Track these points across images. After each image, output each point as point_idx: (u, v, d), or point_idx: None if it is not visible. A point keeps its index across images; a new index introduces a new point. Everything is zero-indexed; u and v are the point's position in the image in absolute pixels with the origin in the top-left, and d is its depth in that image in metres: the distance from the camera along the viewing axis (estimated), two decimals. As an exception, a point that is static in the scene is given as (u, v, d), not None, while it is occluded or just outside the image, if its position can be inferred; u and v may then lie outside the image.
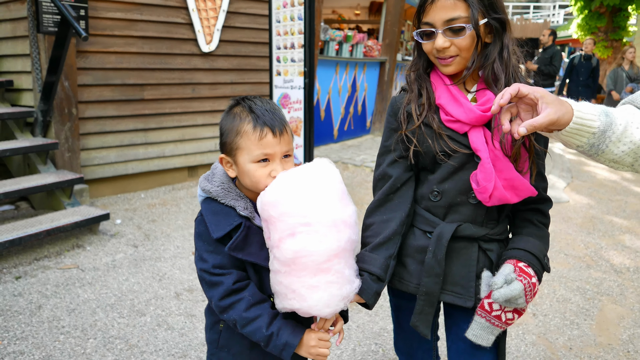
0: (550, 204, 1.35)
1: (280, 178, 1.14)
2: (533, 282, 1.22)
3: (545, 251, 1.30)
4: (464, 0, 1.17)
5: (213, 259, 1.19)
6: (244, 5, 5.26)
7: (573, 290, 3.15)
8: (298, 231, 1.10)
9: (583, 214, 4.70)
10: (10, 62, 4.31)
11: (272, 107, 1.22)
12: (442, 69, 1.26)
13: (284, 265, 1.12)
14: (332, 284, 1.13)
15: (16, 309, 2.68)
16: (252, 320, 1.17)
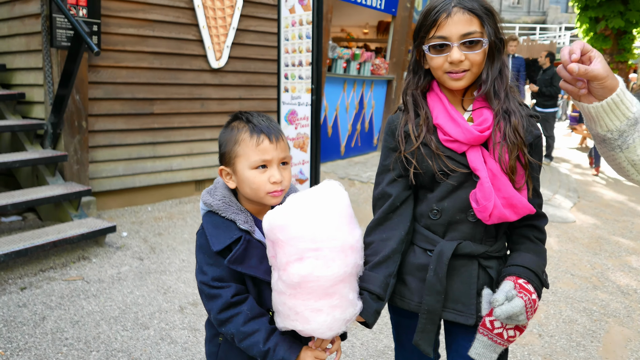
0: (545, 220, 1.36)
1: (290, 201, 1.15)
2: (533, 299, 1.22)
3: (543, 267, 1.31)
4: (478, 17, 1.22)
5: (213, 271, 1.20)
6: (254, 23, 5.35)
7: (579, 311, 3.11)
8: (306, 256, 1.11)
9: (589, 235, 4.67)
10: (23, 75, 4.39)
11: (268, 119, 1.27)
12: (452, 84, 1.26)
13: (289, 288, 1.12)
14: (336, 308, 1.14)
15: (20, 320, 2.68)
16: (250, 335, 1.18)
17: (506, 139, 1.22)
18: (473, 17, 1.21)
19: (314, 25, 3.66)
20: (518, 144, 1.22)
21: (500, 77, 1.27)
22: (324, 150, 6.82)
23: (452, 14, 1.21)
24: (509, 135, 1.22)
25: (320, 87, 3.76)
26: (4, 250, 3.10)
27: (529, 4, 35.62)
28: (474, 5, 1.22)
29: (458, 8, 1.21)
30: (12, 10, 4.36)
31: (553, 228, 4.80)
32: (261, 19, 5.40)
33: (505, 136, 1.22)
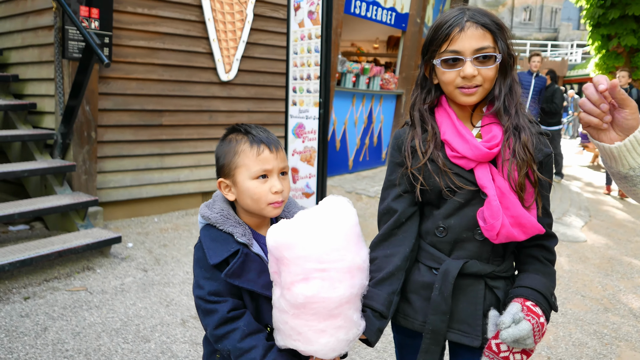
0: (555, 240, 1.32)
1: (298, 219, 1.13)
2: (541, 322, 1.18)
3: (552, 289, 1.27)
4: (490, 32, 1.21)
5: (209, 285, 1.18)
6: (264, 37, 5.38)
7: (590, 334, 3.03)
8: (312, 277, 1.08)
9: (601, 255, 4.58)
10: (35, 86, 4.44)
11: (265, 130, 1.28)
12: (463, 99, 1.24)
13: (293, 307, 1.09)
14: (340, 329, 1.11)
15: (22, 330, 2.67)
16: (246, 352, 1.15)
17: (515, 155, 1.20)
18: (486, 32, 1.21)
19: (322, 39, 3.67)
20: (527, 161, 1.20)
21: (511, 93, 1.26)
22: (332, 164, 6.80)
23: (465, 28, 1.20)
24: (519, 152, 1.20)
25: (328, 101, 3.76)
26: (9, 259, 3.10)
27: (540, 21, 35.68)
28: (486, 20, 1.21)
29: (471, 23, 1.20)
30: (26, 22, 4.44)
31: (563, 247, 4.71)
32: (271, 32, 5.44)
33: (514, 153, 1.20)
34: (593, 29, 12.48)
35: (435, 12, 9.10)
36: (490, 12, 1.26)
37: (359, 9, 6.95)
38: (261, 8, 5.30)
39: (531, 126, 1.25)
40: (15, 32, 4.59)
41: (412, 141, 1.31)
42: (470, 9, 1.24)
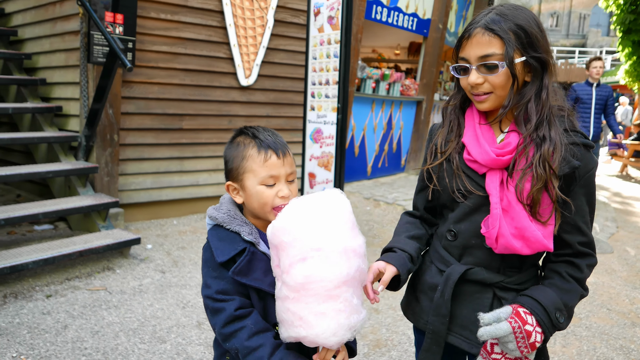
0: (589, 259, 1.23)
1: (292, 205, 1.15)
2: (526, 330, 1.13)
3: (562, 306, 1.19)
4: (499, 38, 1.15)
5: (217, 284, 1.20)
6: (284, 42, 5.42)
7: (616, 349, 2.93)
8: (309, 256, 1.10)
9: (629, 267, 4.44)
10: (61, 89, 4.57)
11: (274, 133, 1.28)
12: (477, 106, 1.24)
13: (292, 291, 1.11)
14: (341, 312, 1.11)
15: (43, 327, 2.73)
16: (254, 350, 1.16)
17: (533, 167, 1.15)
18: (494, 38, 1.16)
19: (341, 44, 3.67)
20: (546, 175, 1.13)
21: (536, 101, 1.18)
22: (350, 169, 6.79)
23: (472, 35, 1.19)
24: (536, 165, 1.15)
25: (347, 106, 3.76)
26: (32, 257, 3.18)
27: (568, 27, 35.05)
28: (501, 25, 1.16)
29: (480, 29, 1.17)
30: (54, 28, 4.57)
31: (587, 257, 4.59)
32: (291, 38, 5.48)
33: (532, 164, 1.15)
34: (623, 35, 12.16)
35: (458, 18, 9.01)
36: (519, 12, 1.19)
37: (380, 14, 6.94)
38: (282, 14, 5.34)
39: (564, 136, 1.18)
40: (44, 37, 4.73)
41: (437, 139, 1.33)
42: (496, 9, 1.20)
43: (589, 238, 1.23)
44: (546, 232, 1.17)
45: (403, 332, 2.95)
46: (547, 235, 1.17)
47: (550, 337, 1.18)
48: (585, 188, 1.19)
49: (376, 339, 2.85)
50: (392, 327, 3.00)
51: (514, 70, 1.16)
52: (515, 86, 1.18)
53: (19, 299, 3.02)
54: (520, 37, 1.16)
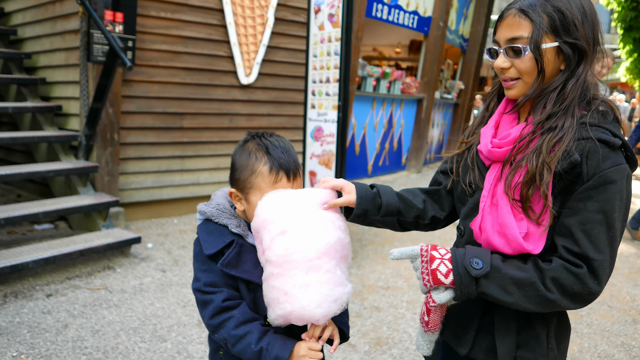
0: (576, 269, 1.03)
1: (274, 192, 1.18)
2: (432, 255, 1.09)
3: (489, 260, 1.07)
4: (530, 20, 1.06)
5: (205, 277, 1.21)
6: (284, 41, 5.41)
7: (617, 346, 2.93)
8: (288, 228, 1.12)
9: (630, 264, 4.43)
10: (61, 89, 4.56)
11: (287, 147, 1.24)
12: (505, 92, 1.16)
13: (275, 266, 1.12)
14: (324, 284, 1.12)
15: (44, 327, 2.72)
16: (242, 338, 1.17)
17: (526, 159, 1.06)
18: (524, 19, 1.06)
19: (342, 42, 3.66)
20: (536, 168, 1.03)
21: (561, 91, 1.08)
22: (351, 168, 6.77)
23: (504, 17, 1.11)
24: (530, 156, 1.06)
25: (347, 104, 3.75)
26: (33, 257, 3.18)
27: (567, 25, 34.91)
28: (535, 8, 1.06)
29: (514, 10, 1.09)
30: (54, 27, 4.56)
31: (589, 255, 4.58)
32: (292, 36, 5.47)
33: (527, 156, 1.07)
34: (624, 32, 12.15)
35: (458, 16, 8.99)
36: None
37: (381, 12, 6.92)
38: (282, 12, 5.33)
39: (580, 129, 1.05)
40: (44, 36, 4.72)
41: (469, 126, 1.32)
42: None
43: (583, 250, 1.02)
44: (536, 232, 1.06)
45: (404, 330, 2.94)
46: (533, 236, 1.06)
47: (464, 286, 1.06)
48: (595, 192, 1.01)
49: (377, 337, 2.85)
50: (393, 325, 3.00)
51: (539, 56, 1.06)
52: (542, 74, 1.08)
53: (19, 299, 3.02)
54: (554, 20, 1.05)
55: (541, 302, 1.03)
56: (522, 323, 1.14)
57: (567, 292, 1.02)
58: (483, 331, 1.19)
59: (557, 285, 1.02)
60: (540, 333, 1.14)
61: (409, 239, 4.63)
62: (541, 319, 1.15)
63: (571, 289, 1.01)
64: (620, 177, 1.02)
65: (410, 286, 3.61)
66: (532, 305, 1.04)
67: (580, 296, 1.02)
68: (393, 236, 4.67)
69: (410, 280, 3.72)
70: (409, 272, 3.88)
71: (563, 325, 1.20)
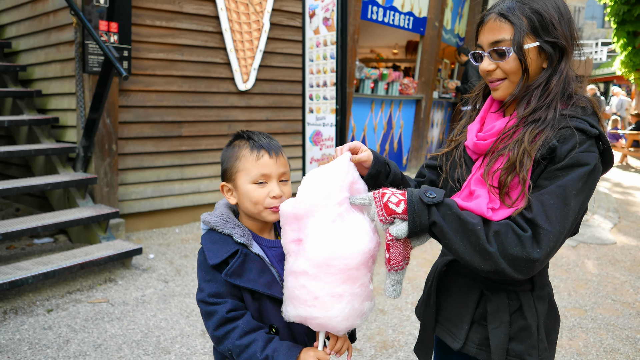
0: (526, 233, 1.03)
1: (312, 174, 1.16)
2: (383, 192, 1.11)
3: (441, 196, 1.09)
4: (510, 23, 1.13)
5: (209, 287, 1.20)
6: (281, 46, 5.39)
7: (622, 339, 2.90)
8: (336, 216, 1.11)
9: (632, 257, 4.40)
10: (58, 100, 4.53)
11: (269, 137, 1.31)
12: (492, 93, 1.23)
13: (314, 266, 1.09)
14: (356, 297, 1.11)
15: (45, 343, 2.69)
16: (247, 347, 1.16)
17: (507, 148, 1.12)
18: (505, 23, 1.14)
19: (338, 45, 3.63)
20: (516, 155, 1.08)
21: (544, 87, 1.14)
22: (352, 170, 6.73)
23: (485, 21, 1.18)
24: (512, 146, 1.11)
25: (345, 108, 3.72)
26: (32, 272, 3.14)
27: (562, 21, 34.95)
28: (514, 11, 1.13)
29: (493, 14, 1.17)
30: (49, 38, 4.54)
31: (592, 250, 4.55)
32: (288, 41, 5.45)
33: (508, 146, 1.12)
34: (618, 26, 12.16)
35: (453, 15, 8.98)
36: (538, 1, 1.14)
37: (376, 14, 6.91)
38: (278, 17, 5.31)
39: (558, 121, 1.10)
40: (39, 48, 4.70)
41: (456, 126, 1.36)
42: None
43: (533, 216, 1.04)
44: (504, 211, 1.09)
45: (410, 333, 2.91)
46: (499, 212, 1.09)
47: (416, 214, 1.07)
48: (563, 172, 1.06)
49: (383, 340, 2.81)
50: (398, 328, 2.96)
51: (522, 56, 1.13)
52: (527, 73, 1.14)
53: (19, 315, 2.98)
54: (534, 21, 1.12)
55: (481, 252, 1.03)
56: (514, 315, 1.17)
57: (505, 251, 1.02)
58: (476, 324, 1.21)
59: (497, 241, 1.02)
60: (530, 325, 1.16)
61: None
62: (532, 310, 1.17)
63: (511, 249, 1.02)
64: (590, 162, 1.06)
65: (414, 287, 3.58)
66: (472, 255, 1.04)
67: (518, 260, 1.02)
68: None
69: (414, 281, 3.69)
70: (412, 273, 3.85)
71: (552, 317, 1.23)
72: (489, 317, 1.18)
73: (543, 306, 1.19)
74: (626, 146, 10.93)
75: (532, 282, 1.18)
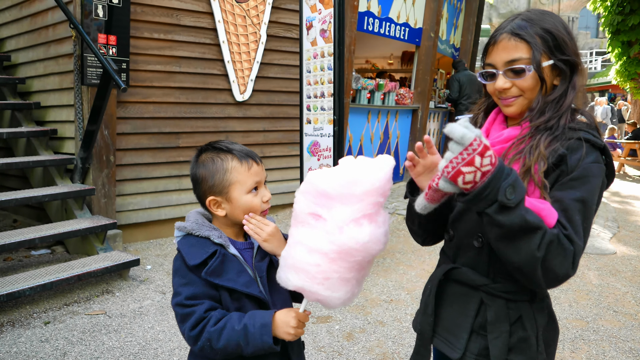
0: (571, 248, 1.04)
1: (362, 160, 1.17)
2: (472, 159, 0.95)
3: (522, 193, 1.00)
4: (526, 42, 1.16)
5: (186, 290, 1.21)
6: (277, 57, 5.43)
7: (625, 351, 2.89)
8: (380, 206, 1.14)
9: (632, 267, 4.40)
10: (56, 112, 4.55)
11: (239, 144, 1.34)
12: (504, 110, 1.24)
13: (336, 251, 1.13)
14: (359, 283, 1.19)
15: (42, 356, 2.67)
16: (223, 328, 1.17)
17: (522, 153, 1.14)
18: (520, 42, 1.16)
19: (335, 56, 3.67)
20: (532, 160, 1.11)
21: (560, 99, 1.18)
22: (350, 180, 6.74)
23: (498, 41, 1.20)
24: (526, 151, 1.13)
25: (343, 118, 3.74)
26: (30, 284, 3.13)
27: (557, 31, 35.23)
28: (527, 30, 1.16)
29: (506, 34, 1.18)
30: (48, 51, 4.57)
31: (592, 260, 4.55)
32: (285, 52, 5.49)
33: (522, 151, 1.14)
34: (612, 36, 12.27)
35: (449, 26, 9.07)
36: (545, 17, 1.19)
37: (372, 25, 6.97)
38: (274, 29, 5.36)
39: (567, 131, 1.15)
40: (38, 60, 4.73)
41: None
42: (522, 15, 1.20)
43: (569, 232, 1.04)
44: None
45: (409, 345, 2.90)
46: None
47: (480, 199, 0.98)
48: (578, 182, 1.08)
49: (382, 353, 2.80)
50: (398, 340, 2.95)
51: (542, 74, 1.17)
52: (544, 89, 1.18)
53: (16, 327, 2.96)
54: (547, 40, 1.16)
55: (527, 254, 1.00)
56: (513, 326, 1.17)
57: (548, 261, 1.01)
58: (474, 333, 1.20)
59: (547, 249, 1.01)
60: (530, 336, 1.16)
61: (409, 250, 4.60)
62: (532, 321, 1.17)
63: (554, 261, 1.01)
64: (600, 175, 1.11)
65: (413, 298, 3.57)
66: (514, 251, 1.01)
67: (556, 274, 1.02)
68: (394, 248, 4.64)
69: (413, 292, 3.68)
70: (411, 284, 3.84)
71: (551, 328, 1.23)
72: (488, 326, 1.17)
73: (542, 318, 1.19)
74: (623, 155, 10.98)
75: (532, 293, 1.18)
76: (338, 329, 3.07)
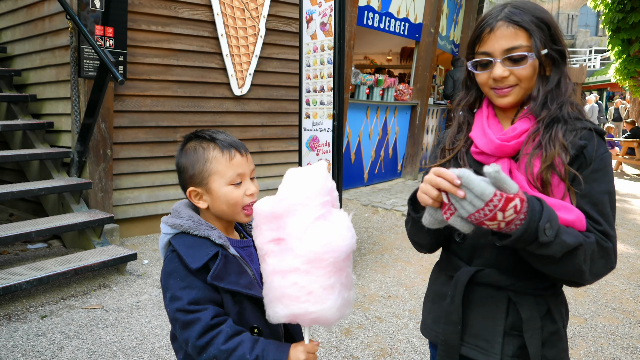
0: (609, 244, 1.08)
1: (290, 174, 1.15)
2: (495, 215, 0.93)
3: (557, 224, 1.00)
4: (525, 30, 1.14)
5: (187, 294, 1.14)
6: (276, 51, 5.39)
7: (623, 348, 2.89)
8: (321, 214, 1.10)
9: (630, 265, 4.41)
10: (52, 105, 4.50)
11: (227, 134, 1.27)
12: (497, 101, 1.20)
13: (306, 262, 1.09)
14: (344, 287, 1.13)
15: (38, 349, 2.65)
16: (234, 350, 1.11)
17: (541, 147, 1.11)
18: (519, 30, 1.14)
19: (335, 50, 3.64)
20: (555, 151, 1.09)
21: (557, 89, 1.17)
22: (347, 176, 6.74)
23: (495, 28, 1.16)
24: (545, 144, 1.11)
25: (342, 113, 3.72)
26: (26, 277, 3.10)
27: (555, 28, 35.22)
28: (523, 17, 1.14)
29: (503, 22, 1.15)
30: (44, 43, 4.52)
31: (589, 257, 4.55)
32: (284, 46, 5.45)
33: (539, 145, 1.11)
34: (612, 33, 12.24)
35: (449, 22, 9.04)
36: (535, 6, 1.18)
37: (372, 20, 6.94)
38: (274, 22, 5.32)
39: (573, 121, 1.15)
40: (34, 52, 4.68)
41: (445, 139, 1.32)
42: (512, 3, 1.18)
43: (604, 227, 1.08)
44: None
45: (408, 340, 2.89)
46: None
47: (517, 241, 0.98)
48: (599, 174, 1.11)
49: (381, 348, 2.79)
50: (396, 336, 2.94)
51: (542, 61, 1.16)
52: (544, 77, 1.18)
53: (12, 321, 2.94)
54: (543, 29, 1.15)
55: (574, 269, 1.05)
56: (543, 320, 1.16)
57: (595, 268, 1.07)
58: (507, 335, 1.17)
59: (591, 259, 1.05)
60: (560, 328, 1.17)
61: (408, 246, 4.59)
62: (559, 313, 1.18)
63: (599, 265, 1.07)
64: (611, 162, 1.16)
65: (411, 294, 3.56)
66: (560, 270, 1.05)
67: (601, 274, 1.09)
68: (392, 244, 4.62)
69: (411, 288, 3.67)
70: (409, 280, 3.83)
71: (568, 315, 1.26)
72: (524, 325, 1.14)
73: (565, 306, 1.22)
74: (621, 154, 11.00)
75: (554, 285, 1.18)
76: (336, 325, 3.06)
